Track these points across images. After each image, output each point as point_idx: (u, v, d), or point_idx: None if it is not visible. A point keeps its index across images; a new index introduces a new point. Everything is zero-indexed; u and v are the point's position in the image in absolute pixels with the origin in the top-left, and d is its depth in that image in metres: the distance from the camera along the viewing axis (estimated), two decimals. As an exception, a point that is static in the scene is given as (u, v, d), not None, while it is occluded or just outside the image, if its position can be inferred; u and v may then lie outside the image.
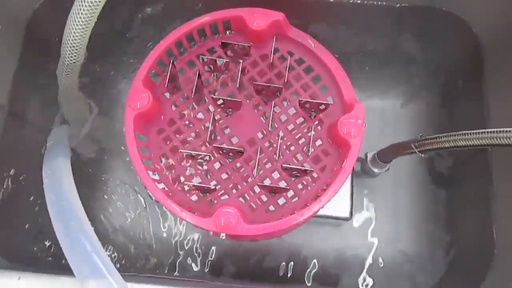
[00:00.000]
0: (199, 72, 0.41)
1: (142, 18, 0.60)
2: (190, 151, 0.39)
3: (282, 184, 0.40)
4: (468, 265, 0.54)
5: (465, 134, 0.36)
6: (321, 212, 0.47)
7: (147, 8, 0.59)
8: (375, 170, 0.54)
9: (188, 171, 0.41)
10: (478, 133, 0.35)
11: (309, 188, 0.40)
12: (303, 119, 0.42)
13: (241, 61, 0.43)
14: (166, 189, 0.40)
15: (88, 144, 0.60)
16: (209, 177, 0.41)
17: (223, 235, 0.37)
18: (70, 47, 0.42)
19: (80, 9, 0.39)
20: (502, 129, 0.33)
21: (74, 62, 0.43)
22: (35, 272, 0.40)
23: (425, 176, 0.61)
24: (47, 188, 0.44)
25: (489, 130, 0.34)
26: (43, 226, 0.53)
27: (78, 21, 0.39)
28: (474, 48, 0.54)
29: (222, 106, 0.42)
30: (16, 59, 0.51)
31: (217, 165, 0.41)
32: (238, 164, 0.41)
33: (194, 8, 0.56)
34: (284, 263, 0.60)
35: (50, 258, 0.53)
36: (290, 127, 0.42)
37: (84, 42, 0.42)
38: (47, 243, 0.53)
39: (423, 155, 0.41)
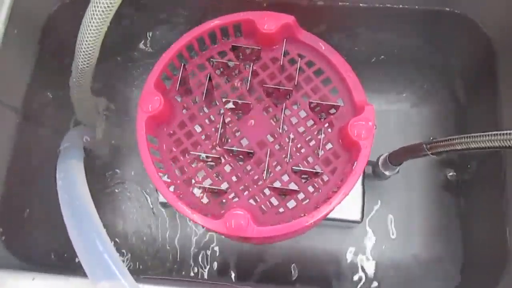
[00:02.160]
0: (209, 75, 0.42)
1: (155, 22, 0.60)
2: (200, 154, 0.40)
3: (293, 186, 0.40)
4: (481, 271, 0.54)
5: (477, 136, 0.36)
6: (332, 215, 0.46)
7: (160, 14, 0.60)
8: (387, 172, 0.53)
9: (199, 173, 0.41)
10: (491, 135, 0.35)
11: (319, 190, 0.40)
12: (313, 122, 0.42)
13: (251, 64, 0.43)
14: (177, 191, 0.40)
15: (101, 146, 0.60)
16: (219, 179, 0.41)
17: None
18: (83, 51, 0.42)
19: (93, 15, 0.39)
20: (514, 131, 0.32)
21: (87, 66, 0.44)
22: (49, 273, 0.40)
23: (438, 180, 0.61)
24: (60, 190, 0.44)
25: (502, 132, 0.34)
26: (57, 227, 0.54)
27: (92, 26, 0.40)
28: (486, 50, 0.54)
29: (233, 108, 0.42)
30: (31, 62, 0.52)
31: (227, 168, 0.41)
32: (248, 167, 0.41)
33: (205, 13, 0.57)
34: (294, 265, 0.59)
35: (64, 259, 0.54)
36: (300, 129, 0.42)
37: (97, 46, 0.42)
38: (61, 244, 0.54)
39: (435, 157, 0.41)
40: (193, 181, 0.41)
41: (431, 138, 0.41)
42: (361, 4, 0.53)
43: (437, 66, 0.62)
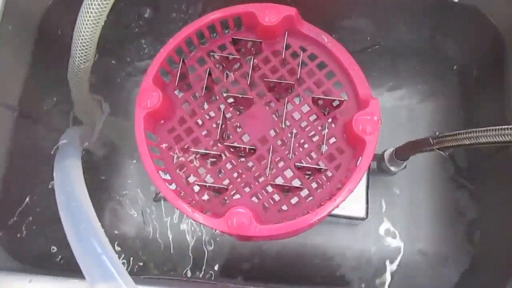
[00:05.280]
0: (209, 69, 0.41)
1: (153, 16, 0.59)
2: (201, 150, 0.39)
3: (296, 183, 0.39)
4: (490, 267, 0.53)
5: (486, 130, 0.35)
6: (336, 212, 0.45)
7: (159, 6, 0.59)
8: (393, 168, 0.52)
9: (199, 170, 0.40)
10: (500, 129, 0.34)
11: (323, 187, 0.39)
12: (316, 116, 0.41)
13: (252, 57, 0.42)
14: (177, 189, 0.39)
15: (100, 145, 0.60)
16: (221, 176, 0.40)
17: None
18: (80, 47, 0.41)
19: (89, 9, 0.38)
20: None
21: (84, 62, 0.43)
22: (46, 275, 0.40)
23: (445, 174, 0.60)
24: (57, 189, 0.44)
25: (511, 126, 0.33)
26: (55, 228, 0.53)
27: (88, 21, 0.39)
28: (494, 42, 0.52)
29: (234, 103, 0.41)
30: (27, 59, 0.51)
31: (228, 164, 0.40)
32: (250, 163, 0.40)
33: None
34: (297, 263, 0.59)
35: (62, 261, 0.53)
36: (303, 124, 0.41)
37: (94, 41, 0.42)
38: (59, 245, 0.53)
39: (444, 153, 0.40)
40: (193, 178, 0.40)
41: (437, 132, 0.40)
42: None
43: (444, 60, 0.60)
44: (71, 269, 0.39)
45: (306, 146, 0.41)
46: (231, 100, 0.41)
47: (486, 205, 0.56)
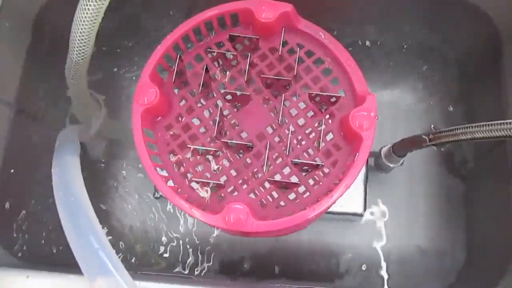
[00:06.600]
0: (206, 66, 0.41)
1: (151, 13, 0.59)
2: (198, 147, 0.39)
3: (293, 179, 0.39)
4: (485, 263, 0.53)
5: (482, 125, 0.35)
6: (334, 208, 0.46)
7: (156, 3, 0.59)
8: (390, 164, 0.52)
9: (196, 167, 0.40)
10: (496, 124, 0.34)
11: (320, 183, 0.39)
12: (313, 113, 0.41)
13: (249, 54, 0.42)
14: (174, 185, 0.40)
15: (97, 141, 0.60)
16: (218, 173, 0.40)
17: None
18: (77, 43, 0.41)
19: (87, 4, 0.38)
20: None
21: (82, 59, 0.43)
22: (43, 270, 0.40)
23: (441, 171, 0.60)
24: (56, 186, 0.44)
25: (507, 121, 0.33)
26: (52, 224, 0.53)
27: (85, 17, 0.39)
28: (492, 39, 0.52)
29: (231, 100, 0.41)
30: (24, 56, 0.51)
31: (226, 161, 0.40)
32: (247, 160, 0.40)
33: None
34: (296, 260, 0.59)
35: (59, 257, 0.53)
36: (300, 121, 0.41)
37: (91, 37, 0.41)
38: (56, 241, 0.54)
39: (441, 149, 0.40)
40: (191, 175, 0.40)
41: (433, 127, 0.40)
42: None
43: (441, 56, 0.60)
44: (69, 265, 0.39)
45: (303, 142, 0.41)
46: (228, 97, 0.41)
47: (483, 201, 0.56)
